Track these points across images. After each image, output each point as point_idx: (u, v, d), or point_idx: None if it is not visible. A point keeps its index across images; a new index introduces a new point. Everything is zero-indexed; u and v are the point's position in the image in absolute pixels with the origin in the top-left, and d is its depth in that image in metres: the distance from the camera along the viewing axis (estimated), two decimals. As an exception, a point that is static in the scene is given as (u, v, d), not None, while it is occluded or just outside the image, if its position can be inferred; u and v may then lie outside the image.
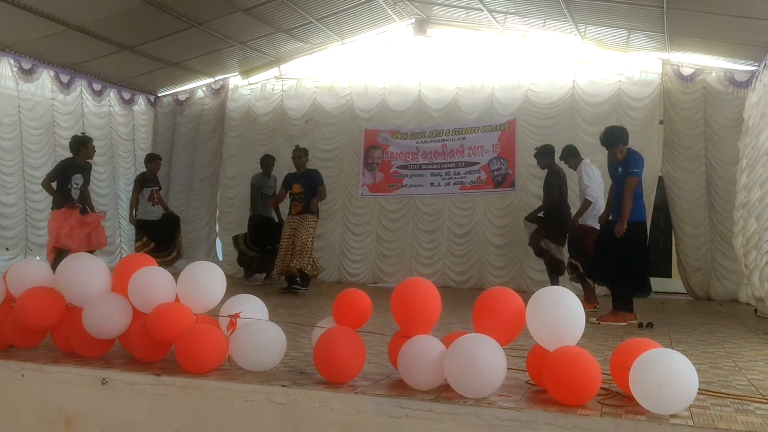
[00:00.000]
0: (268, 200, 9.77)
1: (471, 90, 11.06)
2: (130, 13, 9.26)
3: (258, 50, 11.45)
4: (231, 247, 11.98)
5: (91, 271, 3.90)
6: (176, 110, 12.73)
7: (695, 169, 9.72)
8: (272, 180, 10.44)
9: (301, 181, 8.97)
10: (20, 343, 3.97)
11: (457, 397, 3.01)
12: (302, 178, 9.02)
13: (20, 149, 10.33)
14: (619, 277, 6.42)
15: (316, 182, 8.99)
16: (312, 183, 8.94)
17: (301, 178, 9.01)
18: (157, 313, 3.57)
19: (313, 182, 8.95)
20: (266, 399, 3.15)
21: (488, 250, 10.68)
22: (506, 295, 3.35)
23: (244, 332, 3.53)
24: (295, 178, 9.07)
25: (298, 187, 8.95)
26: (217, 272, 3.83)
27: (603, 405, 2.96)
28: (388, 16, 10.96)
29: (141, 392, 3.35)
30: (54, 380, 3.52)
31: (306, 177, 9.03)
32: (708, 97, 9.64)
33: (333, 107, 11.79)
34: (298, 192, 8.93)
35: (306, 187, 8.89)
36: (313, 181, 8.98)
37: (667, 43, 9.15)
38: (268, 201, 9.78)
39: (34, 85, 10.46)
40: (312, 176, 9.07)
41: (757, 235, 6.44)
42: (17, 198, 10.34)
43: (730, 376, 3.84)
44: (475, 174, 10.85)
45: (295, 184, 8.98)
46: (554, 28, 9.94)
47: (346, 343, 3.31)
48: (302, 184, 8.93)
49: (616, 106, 9.99)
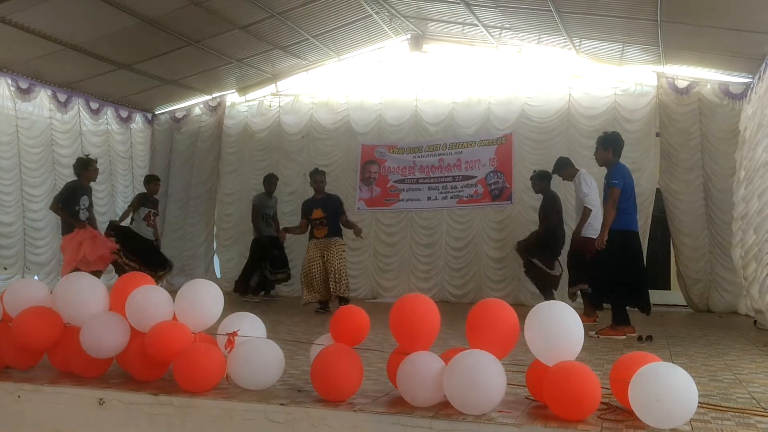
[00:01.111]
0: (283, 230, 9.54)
1: (467, 104, 11.10)
2: (127, 32, 9.29)
3: (255, 67, 11.49)
4: (229, 264, 12.01)
5: (88, 291, 3.89)
6: (173, 128, 12.75)
7: (692, 181, 9.73)
8: (273, 200, 10.47)
9: (323, 206, 8.71)
10: (17, 364, 3.96)
11: (457, 414, 2.99)
12: (323, 203, 8.75)
13: (18, 168, 10.32)
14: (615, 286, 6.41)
15: (338, 210, 8.78)
16: (335, 210, 8.74)
17: (322, 204, 8.75)
18: (155, 332, 3.55)
19: (335, 209, 8.75)
20: (265, 417, 3.13)
21: (486, 264, 10.68)
22: (498, 307, 3.34)
23: (241, 350, 3.51)
24: (315, 203, 8.81)
25: (319, 212, 8.68)
26: (214, 290, 3.82)
27: (603, 420, 2.94)
28: (384, 33, 11.01)
29: (139, 412, 3.33)
30: (51, 401, 3.49)
31: (328, 202, 8.79)
32: (703, 109, 9.67)
33: (330, 123, 11.83)
34: (319, 217, 8.66)
35: (327, 213, 8.66)
36: (335, 207, 8.77)
37: (661, 56, 9.20)
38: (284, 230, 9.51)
39: (31, 105, 10.46)
40: (335, 203, 8.86)
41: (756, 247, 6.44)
42: (16, 217, 10.32)
43: (731, 389, 3.82)
44: (472, 188, 10.86)
45: (316, 209, 8.71)
46: (549, 42, 10.00)
47: (344, 360, 3.30)
48: (324, 210, 8.68)
49: (612, 119, 10.01)
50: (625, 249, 6.38)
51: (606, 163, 6.62)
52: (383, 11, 10.22)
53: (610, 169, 6.53)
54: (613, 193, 6.32)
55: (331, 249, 8.50)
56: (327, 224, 8.60)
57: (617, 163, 6.54)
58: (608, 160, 6.58)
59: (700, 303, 9.69)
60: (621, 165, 6.56)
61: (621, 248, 6.35)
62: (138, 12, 8.86)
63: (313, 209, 8.74)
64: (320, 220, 8.65)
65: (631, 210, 6.50)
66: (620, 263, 6.33)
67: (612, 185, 6.36)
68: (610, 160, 6.55)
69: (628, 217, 6.45)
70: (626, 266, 6.37)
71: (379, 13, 10.24)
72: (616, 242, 6.33)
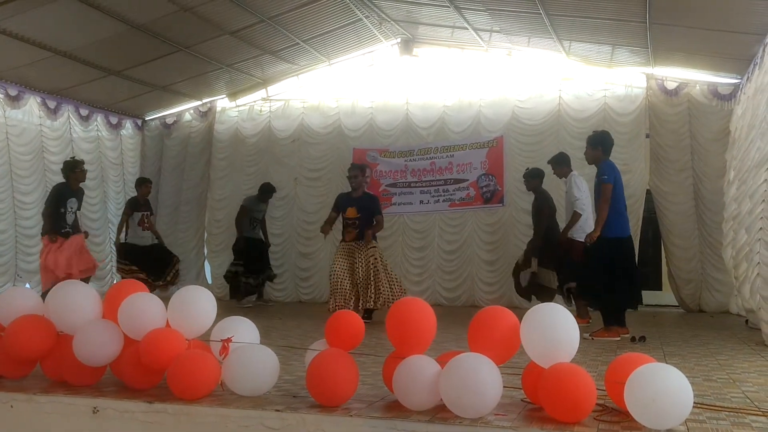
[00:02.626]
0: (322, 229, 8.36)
1: (458, 108, 11.13)
2: (117, 39, 9.25)
3: (245, 72, 11.47)
4: (220, 269, 11.97)
5: (81, 298, 3.86)
6: (164, 134, 12.70)
7: (682, 182, 9.78)
8: (264, 205, 10.53)
9: (358, 205, 8.04)
10: (9, 374, 3.92)
11: (453, 417, 2.99)
12: (360, 202, 8.06)
13: (9, 175, 10.28)
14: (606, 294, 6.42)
15: (374, 211, 8.09)
16: (370, 211, 8.06)
17: (359, 202, 8.05)
18: (149, 339, 3.53)
19: (371, 211, 8.06)
20: (260, 424, 3.12)
21: (478, 267, 10.70)
22: (502, 315, 3.35)
23: (236, 357, 3.50)
24: (351, 200, 8.11)
25: (353, 211, 8.03)
26: (207, 296, 3.80)
27: (599, 421, 2.95)
28: (374, 37, 11.02)
29: (133, 420, 3.30)
30: (44, 410, 3.46)
31: (365, 202, 8.10)
32: (693, 110, 9.73)
33: (321, 127, 11.82)
34: (352, 217, 8.02)
35: (362, 214, 8.01)
36: (371, 209, 8.09)
37: (650, 58, 9.24)
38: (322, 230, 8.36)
39: (21, 112, 10.41)
40: (371, 203, 8.18)
41: (748, 247, 6.46)
42: (7, 225, 10.27)
43: (725, 389, 3.84)
44: (464, 191, 10.88)
45: (350, 207, 8.05)
46: (539, 45, 10.02)
47: (339, 364, 3.29)
48: (359, 209, 8.02)
49: (602, 121, 10.05)
50: (617, 257, 6.38)
51: (595, 161, 6.67)
52: (373, 15, 10.23)
53: (599, 166, 6.57)
54: (606, 189, 6.35)
55: (365, 254, 7.89)
56: (358, 226, 7.98)
57: (606, 160, 6.58)
58: (597, 158, 6.63)
59: (691, 303, 9.73)
60: (609, 161, 6.61)
61: (613, 256, 6.35)
62: (127, 18, 8.84)
63: (347, 206, 8.09)
64: (352, 220, 8.03)
65: (621, 210, 6.52)
66: (611, 271, 6.34)
67: (603, 181, 6.39)
68: (600, 158, 6.60)
69: (618, 220, 6.45)
70: (620, 275, 6.38)
71: (369, 17, 10.26)
72: (609, 250, 6.34)
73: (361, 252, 7.90)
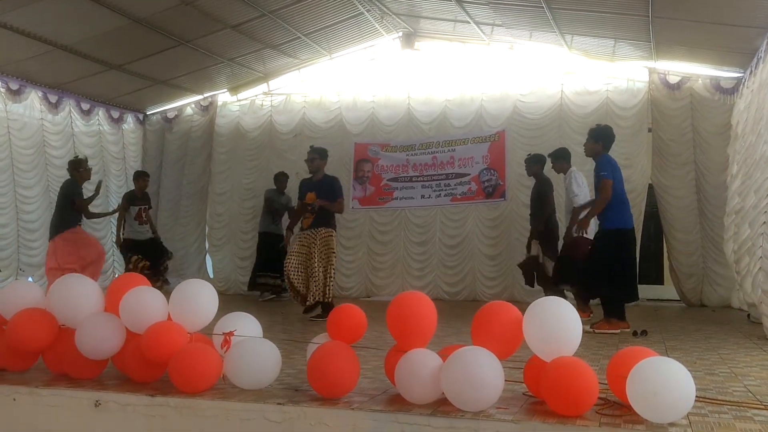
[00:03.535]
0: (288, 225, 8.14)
1: (460, 102, 11.10)
2: (118, 32, 9.23)
3: (246, 66, 11.45)
4: (221, 264, 11.99)
5: (83, 292, 3.87)
6: (165, 128, 12.69)
7: (685, 176, 9.77)
8: (285, 198, 10.55)
9: (317, 189, 7.50)
10: (12, 366, 3.93)
11: (455, 411, 2.99)
12: (318, 186, 7.54)
13: (11, 170, 10.29)
14: (609, 284, 6.42)
15: (335, 194, 7.54)
16: (330, 194, 7.51)
17: (317, 186, 7.53)
18: (151, 332, 3.53)
19: (331, 193, 7.52)
20: (262, 417, 3.12)
21: (480, 261, 10.69)
22: (505, 310, 3.34)
23: (238, 350, 3.50)
24: (311, 185, 7.59)
25: (312, 196, 7.46)
26: (208, 290, 3.80)
27: (601, 415, 2.94)
28: (375, 31, 11.00)
29: (135, 413, 3.31)
30: (46, 403, 3.47)
31: (323, 185, 7.54)
32: (695, 104, 9.71)
33: (322, 121, 11.80)
34: (311, 202, 7.45)
35: (321, 198, 7.46)
36: (331, 191, 7.52)
37: (653, 52, 9.22)
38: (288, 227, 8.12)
39: (22, 106, 10.41)
40: (331, 185, 7.58)
41: (751, 241, 6.44)
42: (9, 219, 10.29)
43: (727, 383, 3.84)
44: (465, 185, 10.87)
45: (310, 192, 7.52)
46: (541, 39, 10.00)
47: (340, 357, 3.29)
48: (318, 194, 7.46)
49: (604, 115, 10.01)
50: (620, 248, 6.39)
51: (594, 154, 6.65)
52: (374, 9, 10.21)
53: (597, 161, 6.56)
54: (606, 185, 6.34)
55: (316, 242, 7.35)
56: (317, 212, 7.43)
57: (604, 155, 6.57)
58: (597, 152, 6.61)
59: (693, 297, 9.72)
60: (608, 156, 6.59)
61: (616, 248, 6.36)
62: (128, 12, 8.82)
63: (306, 192, 7.59)
64: (311, 206, 7.46)
65: (623, 203, 6.51)
66: (615, 263, 6.34)
67: (602, 177, 6.38)
68: (599, 152, 6.59)
69: (621, 212, 6.45)
70: (621, 266, 6.38)
71: (370, 11, 10.23)
72: (611, 241, 6.35)
73: (316, 239, 7.37)
